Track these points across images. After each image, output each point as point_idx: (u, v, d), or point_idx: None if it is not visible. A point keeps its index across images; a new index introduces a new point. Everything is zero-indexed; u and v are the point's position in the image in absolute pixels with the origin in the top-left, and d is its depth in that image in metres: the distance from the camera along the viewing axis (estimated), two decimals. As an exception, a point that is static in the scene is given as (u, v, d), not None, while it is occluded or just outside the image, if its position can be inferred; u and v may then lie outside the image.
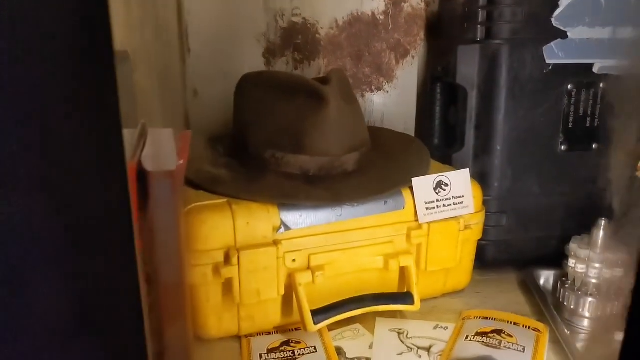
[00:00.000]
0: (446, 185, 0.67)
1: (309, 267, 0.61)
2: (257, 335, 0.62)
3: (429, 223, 0.65)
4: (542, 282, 0.74)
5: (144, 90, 0.79)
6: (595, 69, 0.73)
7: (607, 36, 0.73)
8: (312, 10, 0.89)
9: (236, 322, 0.61)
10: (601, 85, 0.74)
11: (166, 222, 0.41)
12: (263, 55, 0.89)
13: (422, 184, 0.65)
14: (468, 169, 0.68)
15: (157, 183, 0.40)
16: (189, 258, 0.49)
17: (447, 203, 0.67)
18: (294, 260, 0.60)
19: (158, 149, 0.44)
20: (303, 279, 0.60)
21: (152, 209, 0.40)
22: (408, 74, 0.95)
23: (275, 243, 0.59)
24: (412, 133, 0.96)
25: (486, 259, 0.76)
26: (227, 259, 0.57)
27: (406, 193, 0.65)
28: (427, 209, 0.65)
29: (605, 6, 0.72)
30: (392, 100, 0.95)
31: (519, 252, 0.78)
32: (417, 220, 0.65)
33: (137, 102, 0.73)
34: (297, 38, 0.90)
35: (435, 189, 0.66)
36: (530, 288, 0.72)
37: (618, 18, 0.72)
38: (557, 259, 0.76)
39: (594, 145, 0.76)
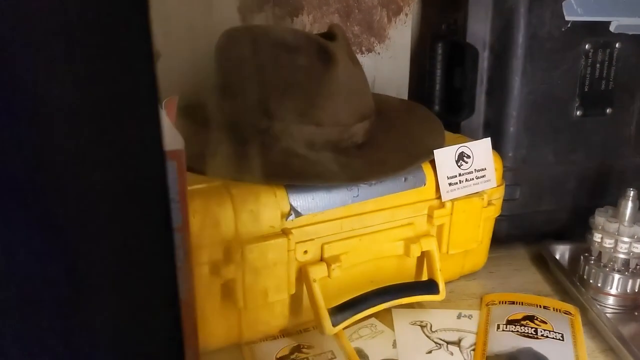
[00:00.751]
0: (468, 157, 0.59)
1: (322, 259, 0.52)
2: (261, 341, 0.53)
3: (452, 201, 0.57)
4: (557, 256, 0.69)
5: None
6: (612, 28, 0.67)
7: (626, -9, 0.66)
8: (294, -42, 0.77)
9: (237, 329, 0.51)
10: (617, 45, 0.68)
11: (174, 216, 0.30)
12: (238, 10, 0.77)
13: (444, 157, 0.57)
14: (489, 139, 0.61)
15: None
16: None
17: (470, 177, 0.59)
18: (305, 251, 0.51)
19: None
20: (317, 273, 0.51)
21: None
22: (401, 34, 0.85)
23: (285, 233, 0.49)
24: (405, 98, 0.88)
25: (499, 235, 0.70)
26: (228, 256, 0.47)
27: (426, 168, 0.57)
28: (450, 184, 0.57)
29: (626, -44, 0.65)
30: (384, 62, 0.86)
31: (532, 226, 0.72)
32: (439, 198, 0.57)
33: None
34: (277, -10, 0.78)
35: (457, 162, 0.58)
36: (548, 264, 0.67)
37: (637, -30, 0.66)
38: (570, 232, 0.72)
39: (608, 110, 0.70)
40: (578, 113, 0.69)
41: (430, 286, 0.56)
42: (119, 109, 0.23)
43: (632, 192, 0.59)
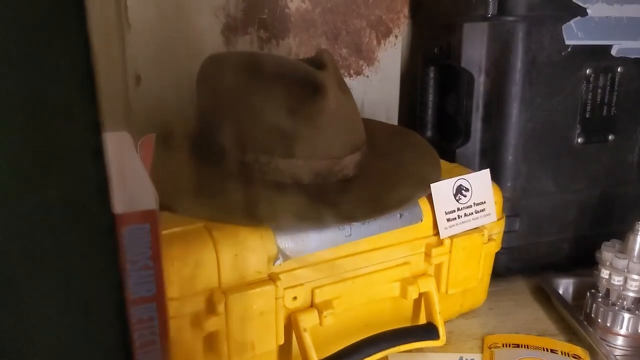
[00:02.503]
0: (467, 190, 0.55)
1: (312, 305, 0.48)
2: (247, 395, 0.48)
3: (451, 237, 0.54)
4: (560, 291, 0.65)
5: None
6: (613, 52, 0.65)
7: (626, 14, 0.64)
8: (280, -21, 0.74)
9: (219, 383, 0.46)
10: (619, 69, 0.66)
11: (145, 286, 0.26)
12: (222, 33, 0.73)
13: (442, 191, 0.54)
14: (488, 170, 0.57)
15: (129, 232, 0.25)
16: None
17: (469, 212, 0.55)
18: (295, 298, 0.46)
19: (121, 173, 0.29)
20: (308, 321, 0.46)
21: (124, 268, 0.25)
22: (391, 56, 0.82)
23: (272, 278, 0.45)
24: (394, 123, 0.85)
25: (498, 268, 0.66)
26: (211, 306, 0.42)
27: (422, 203, 0.53)
28: (448, 220, 0.54)
29: (624, -21, 0.63)
30: (373, 86, 0.82)
31: (532, 259, 0.69)
32: (436, 235, 0.54)
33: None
34: (262, 12, 0.74)
35: (455, 196, 0.54)
36: (551, 300, 0.64)
37: (636, -7, 0.64)
38: (572, 264, 0.69)
39: (610, 137, 0.67)
40: (579, 140, 0.66)
41: (429, 331, 0.52)
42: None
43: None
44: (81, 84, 0.16)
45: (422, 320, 0.55)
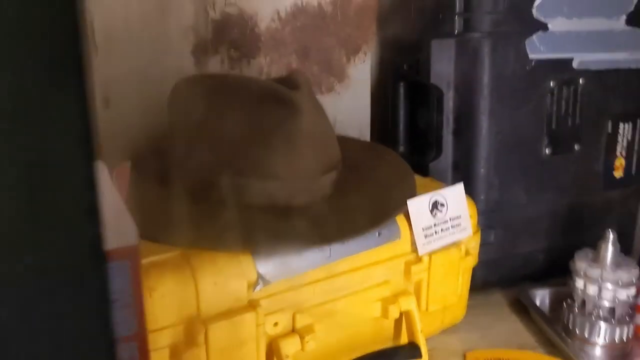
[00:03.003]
0: (442, 205, 0.56)
1: (294, 330, 0.47)
2: None
3: (429, 254, 0.54)
4: (537, 302, 0.66)
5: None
6: (574, 64, 0.67)
7: (585, 28, 0.66)
8: (249, 0, 0.74)
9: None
10: (581, 81, 0.68)
11: (125, 325, 0.25)
12: (192, 53, 0.72)
13: (418, 207, 0.54)
14: (462, 184, 0.58)
15: (110, 270, 0.24)
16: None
17: (445, 227, 0.56)
18: (276, 323, 0.46)
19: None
20: (290, 347, 0.45)
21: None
22: (361, 72, 0.83)
23: (252, 305, 0.44)
24: (367, 139, 0.85)
25: (475, 282, 0.66)
26: (190, 337, 0.41)
27: (399, 220, 0.53)
28: (426, 236, 0.54)
29: (581, -6, 0.65)
30: (345, 102, 0.83)
31: (508, 270, 0.69)
32: (415, 252, 0.54)
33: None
34: (232, 32, 0.74)
35: (431, 211, 0.55)
36: (529, 312, 0.64)
37: (594, 8, 0.67)
38: (548, 274, 0.70)
39: (576, 147, 0.69)
40: (547, 151, 0.68)
41: (411, 350, 0.52)
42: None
43: (611, 235, 0.57)
44: (78, 142, 0.15)
45: (404, 339, 0.54)
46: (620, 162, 0.73)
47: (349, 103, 0.83)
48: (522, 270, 0.70)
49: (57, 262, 0.15)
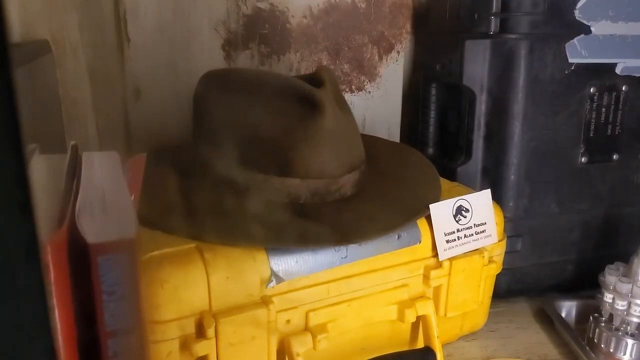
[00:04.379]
0: (467, 210, 0.54)
1: (306, 328, 0.46)
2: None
3: (450, 259, 0.52)
4: (563, 314, 0.64)
5: (72, 90, 0.61)
6: (618, 70, 0.64)
7: (631, 32, 0.63)
8: (282, -5, 0.74)
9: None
10: (623, 88, 0.65)
11: (121, 323, 0.25)
12: (222, 48, 0.73)
13: (441, 211, 0.52)
14: (489, 190, 0.56)
15: (104, 262, 0.24)
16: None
17: (469, 233, 0.54)
18: (288, 321, 0.45)
19: (102, 197, 0.28)
20: (301, 346, 0.45)
21: (99, 299, 0.24)
22: (393, 72, 0.82)
23: (265, 301, 0.44)
24: (396, 140, 0.84)
25: (499, 289, 0.64)
26: (201, 330, 0.41)
27: (421, 223, 0.52)
28: (448, 241, 0.53)
29: (629, -3, 0.62)
30: (375, 102, 0.82)
31: (534, 280, 0.67)
32: (435, 257, 0.52)
33: (61, 108, 0.55)
34: (263, 27, 0.74)
35: (455, 216, 0.53)
36: (553, 322, 0.62)
37: (641, 11, 0.63)
38: (575, 285, 0.67)
39: (614, 156, 0.66)
40: (583, 160, 0.65)
41: (427, 355, 0.50)
42: None
43: (644, 249, 0.55)
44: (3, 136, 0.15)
45: (420, 343, 0.53)
46: (662, 174, 0.69)
47: (379, 102, 0.82)
48: (549, 280, 0.68)
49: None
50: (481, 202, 0.55)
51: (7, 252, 0.15)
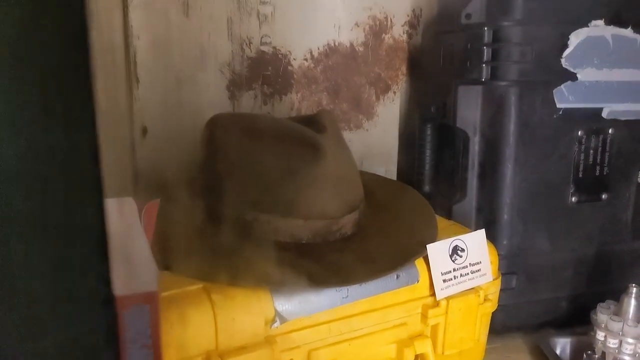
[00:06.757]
0: (462, 250, 0.56)
1: (309, 367, 0.48)
2: None
3: (447, 298, 0.54)
4: (558, 351, 0.65)
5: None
6: (604, 114, 0.67)
7: (615, 78, 0.67)
8: (284, 39, 0.77)
9: None
10: (610, 131, 0.68)
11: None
12: (227, 88, 0.76)
13: (438, 251, 0.55)
14: (484, 230, 0.58)
15: (130, 313, 0.26)
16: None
17: (465, 272, 0.56)
18: (291, 360, 0.47)
19: (123, 246, 0.30)
20: (304, 384, 0.46)
21: (124, 347, 0.26)
22: (389, 111, 0.85)
23: (269, 341, 0.45)
24: (393, 177, 0.86)
25: (494, 327, 0.66)
26: (207, 370, 0.43)
27: (419, 263, 0.54)
28: (444, 280, 0.54)
29: (613, 47, 0.66)
30: (373, 139, 0.85)
31: (529, 316, 0.69)
32: (432, 296, 0.54)
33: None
34: (266, 69, 0.77)
35: (451, 256, 0.55)
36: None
37: (625, 60, 0.67)
38: (569, 321, 0.69)
39: (603, 196, 0.69)
40: (573, 199, 0.67)
41: (425, 394, 0.52)
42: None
43: (634, 289, 0.57)
44: (96, 243, 0.17)
45: (419, 381, 0.55)
46: (650, 213, 0.72)
47: (376, 141, 0.85)
48: (544, 316, 0.69)
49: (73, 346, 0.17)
50: (476, 242, 0.57)
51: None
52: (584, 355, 0.60)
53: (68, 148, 0.20)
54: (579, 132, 0.66)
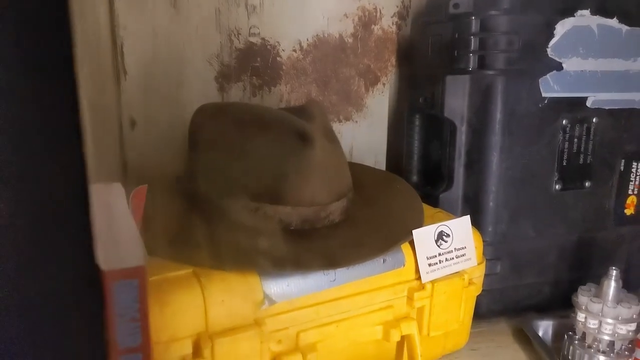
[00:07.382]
0: (447, 235, 0.58)
1: (297, 348, 0.49)
2: None
3: (432, 282, 0.56)
4: (540, 333, 0.67)
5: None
6: (588, 103, 0.68)
7: (600, 68, 0.68)
8: (273, 30, 0.78)
9: None
10: (594, 120, 0.69)
11: (131, 337, 0.28)
12: (216, 80, 0.77)
13: (423, 237, 0.56)
14: (469, 216, 0.60)
15: (117, 287, 0.27)
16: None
17: (450, 256, 0.57)
18: (279, 341, 0.48)
19: (111, 227, 0.31)
20: (292, 365, 0.48)
21: (112, 321, 0.27)
22: (379, 103, 0.86)
23: (258, 323, 0.46)
24: (382, 168, 0.87)
25: (480, 311, 0.67)
26: (198, 350, 0.44)
27: (405, 248, 0.55)
28: (430, 265, 0.56)
29: (598, 36, 0.67)
30: (362, 131, 0.86)
31: (513, 301, 0.71)
32: (418, 279, 0.56)
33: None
34: (255, 61, 0.78)
35: (436, 241, 0.57)
36: (531, 341, 0.65)
37: (610, 50, 0.68)
38: (552, 305, 0.70)
39: (587, 184, 0.70)
40: (557, 187, 0.69)
41: (411, 374, 0.53)
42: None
43: (614, 272, 0.58)
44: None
45: (405, 363, 0.56)
46: (632, 200, 0.73)
47: (366, 132, 0.86)
48: (527, 300, 0.71)
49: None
50: (461, 228, 0.59)
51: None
52: (565, 336, 0.62)
53: (53, 130, 0.21)
54: (564, 121, 0.68)
